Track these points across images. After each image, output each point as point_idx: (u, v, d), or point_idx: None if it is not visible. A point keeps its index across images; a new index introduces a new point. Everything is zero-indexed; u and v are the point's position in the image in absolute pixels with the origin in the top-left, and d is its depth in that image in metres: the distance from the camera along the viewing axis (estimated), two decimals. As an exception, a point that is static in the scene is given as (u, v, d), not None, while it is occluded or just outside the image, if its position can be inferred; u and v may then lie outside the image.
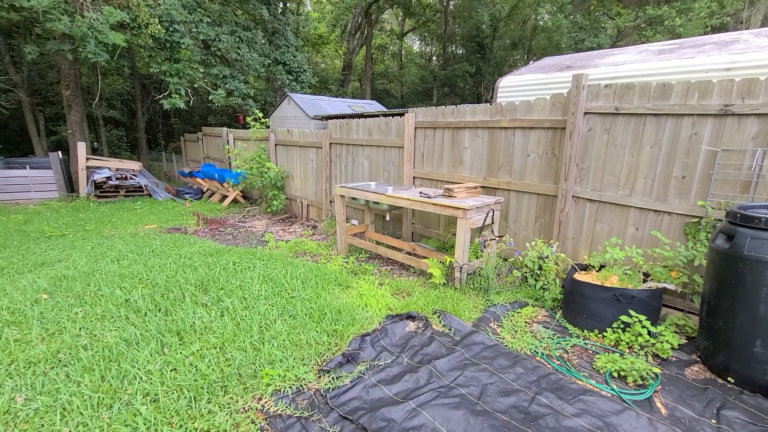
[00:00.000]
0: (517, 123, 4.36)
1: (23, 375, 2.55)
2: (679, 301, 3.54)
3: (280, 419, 2.28)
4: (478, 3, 22.88)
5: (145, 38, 9.60)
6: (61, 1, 8.16)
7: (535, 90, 6.00)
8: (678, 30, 13.15)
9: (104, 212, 8.50)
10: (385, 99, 28.27)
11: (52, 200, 9.89)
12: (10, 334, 3.04)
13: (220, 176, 9.92)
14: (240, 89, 12.59)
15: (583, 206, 4.01)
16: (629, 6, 16.47)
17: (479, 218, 4.03)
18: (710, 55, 4.52)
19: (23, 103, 13.38)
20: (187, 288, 3.92)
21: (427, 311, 3.61)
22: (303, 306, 3.60)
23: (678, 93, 3.30)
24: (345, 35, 25.81)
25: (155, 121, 21.17)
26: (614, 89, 3.64)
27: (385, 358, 2.93)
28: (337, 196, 5.33)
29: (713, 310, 2.73)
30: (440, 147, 5.27)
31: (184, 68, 10.66)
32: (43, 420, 2.18)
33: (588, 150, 3.89)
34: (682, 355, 2.98)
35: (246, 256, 5.06)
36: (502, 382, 2.61)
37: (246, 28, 13.24)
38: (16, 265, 4.78)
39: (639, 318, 2.99)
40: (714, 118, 3.16)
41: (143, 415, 2.20)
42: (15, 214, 8.19)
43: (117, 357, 2.74)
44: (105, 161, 10.79)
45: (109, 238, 6.24)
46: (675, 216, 3.44)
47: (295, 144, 7.92)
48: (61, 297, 3.74)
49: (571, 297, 3.43)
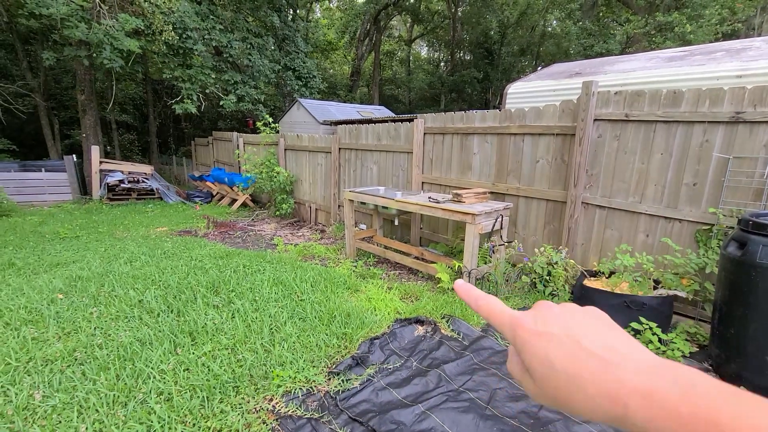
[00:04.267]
0: (526, 129, 4.38)
1: (41, 372, 2.62)
2: (690, 309, 3.51)
3: (291, 420, 2.31)
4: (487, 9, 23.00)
5: (159, 45, 9.81)
6: (79, 9, 8.39)
7: (544, 96, 6.02)
8: (688, 37, 13.07)
9: (117, 215, 8.65)
10: (393, 104, 28.42)
11: (66, 202, 10.08)
12: (27, 333, 3.12)
13: (229, 180, 10.05)
14: (250, 95, 12.78)
15: (592, 212, 4.01)
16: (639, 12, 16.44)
17: (488, 223, 4.05)
18: (721, 63, 4.51)
19: (39, 107, 13.69)
20: (198, 290, 3.98)
21: (435, 315, 3.63)
22: (312, 309, 3.63)
23: (689, 100, 3.30)
24: (354, 42, 26.08)
25: (167, 125, 21.51)
26: (624, 96, 3.65)
27: (394, 362, 2.95)
28: (346, 200, 5.38)
29: (725, 318, 2.71)
30: (449, 152, 5.30)
31: (197, 74, 10.86)
32: (61, 416, 2.24)
33: (597, 156, 3.89)
34: (693, 363, 2.96)
35: (256, 259, 5.12)
36: (512, 387, 2.61)
37: (257, 34, 13.46)
38: (32, 265, 4.89)
39: (650, 325, 2.98)
40: (725, 126, 3.16)
41: (157, 414, 2.24)
42: (31, 215, 8.37)
43: (131, 356, 2.80)
44: (118, 164, 10.98)
45: (121, 240, 6.35)
46: (686, 223, 3.42)
47: (304, 149, 8.01)
48: (76, 297, 3.82)
49: (581, 303, 3.40)
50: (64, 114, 16.59)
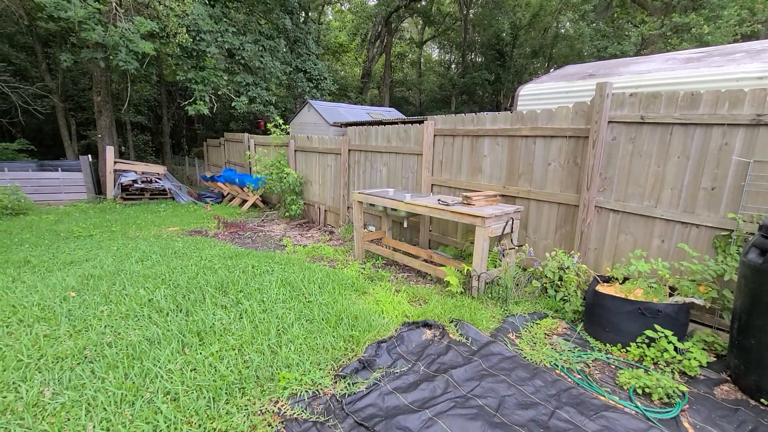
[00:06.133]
0: (538, 131, 4.32)
1: (51, 369, 2.64)
2: (707, 317, 3.41)
3: (296, 423, 2.29)
4: (499, 11, 22.84)
5: (173, 47, 9.94)
6: (96, 12, 8.55)
7: (556, 98, 5.93)
8: (706, 38, 12.79)
9: (129, 214, 8.77)
10: (403, 106, 28.41)
11: (81, 201, 10.27)
12: (39, 330, 3.16)
13: (240, 181, 10.13)
14: (262, 96, 12.88)
15: (606, 216, 3.92)
16: (654, 14, 16.15)
17: (498, 227, 3.99)
18: (741, 64, 4.39)
19: (57, 108, 14.01)
20: (207, 290, 4.00)
21: (443, 319, 3.58)
22: (320, 311, 3.62)
23: (707, 102, 3.21)
24: (365, 44, 26.16)
25: (179, 126, 21.83)
26: (640, 98, 3.57)
27: (401, 366, 2.91)
28: (355, 202, 5.37)
29: (745, 327, 2.62)
30: (459, 155, 5.25)
31: (209, 76, 10.98)
32: (69, 414, 2.25)
33: (612, 159, 3.81)
34: (710, 374, 2.86)
35: (264, 260, 5.14)
36: (521, 394, 2.56)
37: (269, 37, 13.56)
38: (47, 263, 4.98)
39: (665, 333, 2.89)
40: (746, 128, 3.06)
41: (164, 414, 2.25)
42: (47, 214, 8.54)
43: (140, 355, 2.81)
44: (132, 165, 11.16)
45: (133, 239, 6.43)
46: (703, 228, 3.33)
47: (314, 150, 8.03)
48: (88, 295, 3.87)
49: (593, 309, 3.34)
50: (80, 115, 16.95)
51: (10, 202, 8.30)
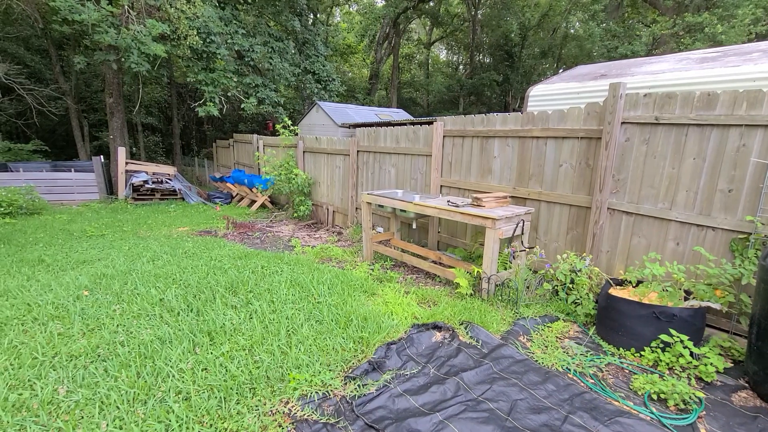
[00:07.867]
0: (549, 132, 4.27)
1: (65, 367, 2.68)
2: (724, 322, 3.34)
3: (307, 424, 2.28)
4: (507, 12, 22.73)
5: (184, 49, 10.06)
6: (109, 15, 8.68)
7: (567, 99, 5.87)
8: (719, 38, 12.58)
9: (140, 214, 8.87)
10: (411, 107, 28.38)
11: (94, 201, 10.42)
12: (54, 328, 3.20)
13: (249, 182, 10.19)
14: (271, 98, 12.96)
15: (618, 219, 3.87)
16: (666, 13, 15.94)
17: (509, 228, 3.96)
18: (758, 63, 4.30)
19: (70, 109, 14.23)
20: (217, 289, 4.02)
21: (453, 322, 3.56)
22: (329, 312, 3.61)
23: (724, 102, 3.15)
24: (373, 45, 26.17)
25: (189, 127, 22.04)
26: (654, 98, 3.51)
27: (411, 368, 2.90)
28: (364, 203, 5.36)
29: (764, 333, 2.55)
30: (468, 156, 5.22)
31: (219, 77, 11.08)
32: (83, 412, 2.28)
33: (625, 161, 3.76)
34: (727, 380, 2.80)
35: (273, 261, 5.15)
36: (533, 398, 2.53)
37: (278, 38, 13.65)
38: (60, 262, 5.05)
39: (680, 338, 2.84)
40: (765, 129, 2.99)
41: (176, 413, 2.26)
42: (60, 214, 8.68)
43: (152, 354, 2.83)
44: (143, 165, 11.30)
45: (144, 239, 6.50)
46: (720, 231, 3.26)
47: (322, 151, 8.05)
48: (100, 294, 3.92)
49: (606, 313, 3.29)
50: (93, 116, 17.20)
51: (25, 202, 8.45)
